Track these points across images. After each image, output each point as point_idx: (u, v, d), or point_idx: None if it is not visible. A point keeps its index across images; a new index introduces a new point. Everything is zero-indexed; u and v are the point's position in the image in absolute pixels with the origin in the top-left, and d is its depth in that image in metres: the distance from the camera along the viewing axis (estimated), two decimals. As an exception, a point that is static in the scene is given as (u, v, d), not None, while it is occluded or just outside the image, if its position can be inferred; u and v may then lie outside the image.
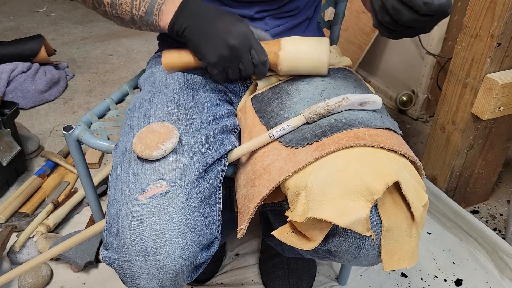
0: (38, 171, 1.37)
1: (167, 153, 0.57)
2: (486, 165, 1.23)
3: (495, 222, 1.26)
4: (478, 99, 1.03)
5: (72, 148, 0.80)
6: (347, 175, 0.51)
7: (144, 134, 0.59)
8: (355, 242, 0.54)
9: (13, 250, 1.09)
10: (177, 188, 0.55)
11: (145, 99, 0.68)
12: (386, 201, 0.52)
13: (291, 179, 0.56)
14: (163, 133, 0.58)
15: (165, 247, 0.51)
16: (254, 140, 0.63)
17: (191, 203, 0.55)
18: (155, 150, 0.56)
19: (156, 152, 0.56)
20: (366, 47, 1.77)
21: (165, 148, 0.57)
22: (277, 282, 1.02)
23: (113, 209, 0.56)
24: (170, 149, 0.57)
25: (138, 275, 0.52)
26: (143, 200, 0.54)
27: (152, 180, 0.55)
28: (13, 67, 1.75)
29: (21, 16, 2.77)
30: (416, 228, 0.54)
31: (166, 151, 0.57)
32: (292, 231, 0.57)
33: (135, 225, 0.52)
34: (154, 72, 0.76)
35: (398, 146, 0.56)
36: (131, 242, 0.52)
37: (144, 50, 2.35)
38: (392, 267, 0.54)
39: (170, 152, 0.58)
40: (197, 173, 0.58)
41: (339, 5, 0.96)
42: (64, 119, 1.74)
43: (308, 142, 0.57)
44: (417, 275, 1.09)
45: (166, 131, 0.58)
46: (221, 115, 0.70)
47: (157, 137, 0.57)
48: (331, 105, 0.59)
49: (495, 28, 0.96)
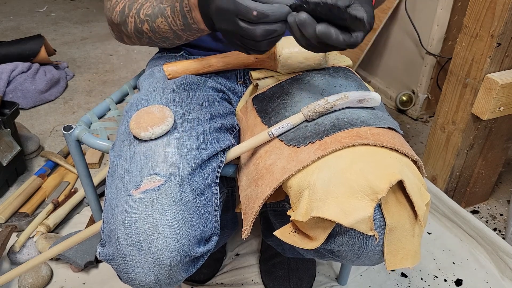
0: (38, 171, 1.37)
1: (155, 137, 0.60)
2: (486, 165, 1.23)
3: (495, 222, 1.26)
4: (478, 99, 1.03)
5: (72, 148, 0.80)
6: (351, 174, 0.51)
7: (141, 113, 0.61)
8: (358, 241, 0.54)
9: (13, 250, 1.09)
10: (171, 182, 0.55)
11: (142, 98, 0.68)
12: (389, 200, 0.52)
13: (293, 178, 0.56)
14: (156, 118, 0.60)
15: (159, 240, 0.52)
16: (253, 139, 0.63)
17: (185, 197, 0.55)
18: (144, 131, 0.59)
19: (143, 133, 0.59)
20: (366, 47, 1.78)
21: (152, 132, 0.59)
22: (277, 282, 1.02)
23: (108, 206, 0.57)
24: (158, 134, 0.59)
25: (133, 269, 0.53)
26: (137, 195, 0.54)
27: (146, 175, 0.56)
28: (13, 67, 1.75)
29: (21, 16, 2.77)
30: (419, 228, 0.54)
31: (154, 135, 0.59)
32: (294, 231, 0.57)
33: (129, 219, 0.53)
34: (154, 73, 0.76)
35: (400, 145, 0.56)
36: (125, 237, 0.52)
37: (144, 50, 2.35)
38: (395, 266, 0.54)
39: (159, 137, 0.60)
40: (191, 168, 0.58)
41: (339, 5, 0.96)
42: (64, 119, 1.74)
43: (310, 141, 0.57)
44: (417, 275, 1.09)
45: (160, 116, 0.60)
46: (219, 113, 0.70)
47: (150, 119, 0.60)
48: (330, 103, 0.59)
49: (495, 28, 0.96)
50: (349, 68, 0.77)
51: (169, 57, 0.82)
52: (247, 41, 0.56)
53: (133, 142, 0.61)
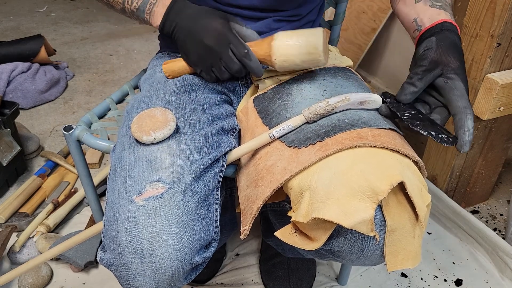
0: (38, 171, 1.37)
1: (157, 141, 0.59)
2: (486, 165, 1.23)
3: (495, 222, 1.26)
4: (478, 99, 1.03)
5: (72, 148, 0.80)
6: (352, 175, 0.51)
7: (143, 116, 0.61)
8: (358, 242, 0.54)
9: (13, 250, 1.09)
10: (174, 190, 0.55)
11: (143, 100, 0.68)
12: (390, 202, 0.52)
13: (294, 179, 0.56)
14: (159, 121, 0.60)
15: (161, 249, 0.52)
16: (254, 140, 0.63)
17: (188, 205, 0.55)
18: (146, 135, 0.59)
19: (145, 138, 0.59)
20: (366, 47, 1.78)
21: (155, 136, 0.59)
22: (277, 282, 1.02)
23: (110, 211, 0.56)
24: (160, 139, 0.59)
25: (134, 277, 0.52)
26: (139, 202, 0.54)
27: (149, 181, 0.56)
28: (13, 67, 1.75)
29: (21, 16, 2.77)
30: (420, 229, 0.54)
31: (156, 139, 0.59)
32: (295, 232, 0.57)
33: (131, 227, 0.53)
34: (155, 73, 0.76)
35: (401, 146, 0.56)
36: (127, 244, 0.52)
37: (144, 50, 2.35)
38: (395, 267, 0.54)
39: (160, 141, 0.60)
40: (194, 175, 0.58)
41: (339, 5, 0.96)
42: (64, 119, 1.74)
43: (311, 142, 0.57)
44: (417, 275, 1.09)
45: (162, 120, 0.60)
46: (220, 116, 0.70)
47: (153, 123, 0.60)
48: (331, 105, 0.59)
49: (495, 28, 0.96)
50: (350, 68, 0.77)
51: (171, 57, 0.82)
52: (217, 63, 0.64)
53: (135, 146, 0.61)
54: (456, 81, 0.58)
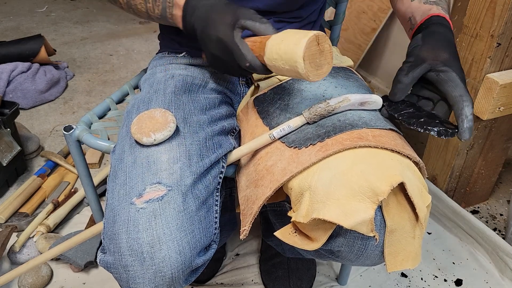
0: (38, 171, 1.37)
1: (157, 143, 0.59)
2: (486, 165, 1.23)
3: (495, 222, 1.26)
4: (478, 99, 1.03)
5: (72, 148, 0.80)
6: (352, 176, 0.51)
7: (143, 117, 0.61)
8: (358, 242, 0.54)
9: (13, 250, 1.09)
10: (174, 192, 0.55)
11: (143, 100, 0.68)
12: (390, 202, 0.52)
13: (294, 179, 0.56)
14: (159, 123, 0.60)
15: (161, 252, 0.51)
16: (254, 141, 0.63)
17: (188, 207, 0.55)
18: (146, 137, 0.59)
19: (145, 139, 0.59)
20: (366, 47, 1.78)
21: (155, 138, 0.59)
22: (277, 282, 1.02)
23: (110, 213, 0.56)
24: (160, 140, 0.59)
25: (134, 280, 0.52)
26: (139, 205, 0.54)
27: (149, 184, 0.55)
28: (13, 67, 1.75)
29: (21, 16, 2.77)
30: (420, 229, 0.54)
31: (156, 141, 0.59)
32: (295, 232, 0.57)
33: (131, 229, 0.52)
34: (155, 73, 0.76)
35: (401, 147, 0.56)
36: (127, 247, 0.52)
37: (144, 50, 2.35)
38: (395, 268, 0.54)
39: (160, 142, 0.60)
40: (194, 177, 0.57)
41: (339, 5, 0.96)
42: (64, 119, 1.74)
43: (311, 143, 0.57)
44: (417, 275, 1.09)
45: (162, 121, 0.60)
46: (220, 116, 0.69)
47: (152, 124, 0.60)
48: (332, 106, 0.59)
49: (495, 28, 0.96)
50: (350, 68, 0.77)
51: (171, 57, 0.82)
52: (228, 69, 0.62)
53: (135, 147, 0.60)
54: (449, 73, 0.57)
